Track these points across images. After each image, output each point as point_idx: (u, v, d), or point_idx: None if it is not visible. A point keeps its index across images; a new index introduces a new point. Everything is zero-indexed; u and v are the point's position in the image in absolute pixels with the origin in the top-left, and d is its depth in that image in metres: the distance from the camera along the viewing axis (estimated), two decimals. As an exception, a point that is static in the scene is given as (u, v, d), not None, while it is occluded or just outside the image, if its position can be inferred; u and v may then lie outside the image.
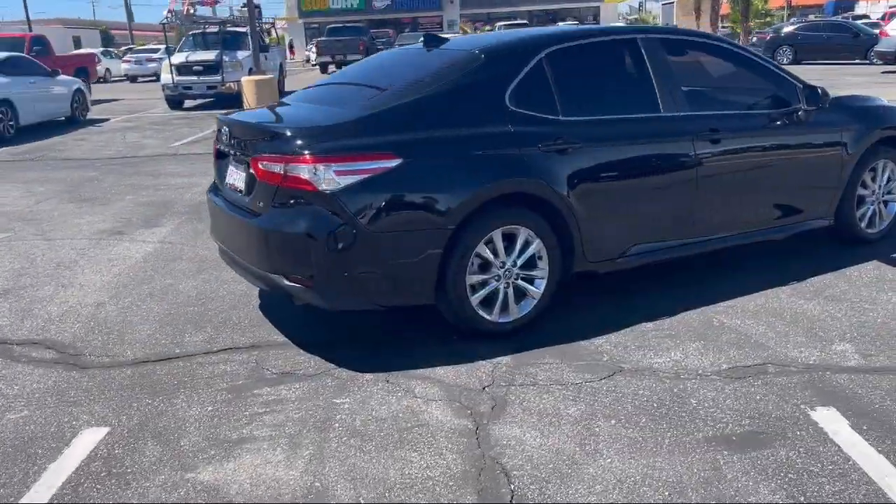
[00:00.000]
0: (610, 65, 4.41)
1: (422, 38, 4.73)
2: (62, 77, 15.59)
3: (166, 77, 18.01)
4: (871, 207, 5.29)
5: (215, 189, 4.46)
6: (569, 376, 3.55)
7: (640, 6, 68.08)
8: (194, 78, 17.73)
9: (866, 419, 3.07)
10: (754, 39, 28.17)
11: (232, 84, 17.27)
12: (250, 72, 17.14)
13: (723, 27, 36.15)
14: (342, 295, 3.68)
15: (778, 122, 4.74)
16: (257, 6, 22.16)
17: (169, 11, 18.28)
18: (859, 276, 4.74)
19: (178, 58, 18.23)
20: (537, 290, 4.04)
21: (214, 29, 19.32)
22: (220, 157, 4.36)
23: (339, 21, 44.81)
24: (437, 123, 3.77)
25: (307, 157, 3.53)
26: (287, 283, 3.67)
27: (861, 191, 5.20)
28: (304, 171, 3.52)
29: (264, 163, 3.69)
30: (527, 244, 3.95)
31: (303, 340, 4.04)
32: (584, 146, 4.04)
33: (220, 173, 4.36)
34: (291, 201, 3.62)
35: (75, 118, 15.74)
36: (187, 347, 4.04)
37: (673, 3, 37.92)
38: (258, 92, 16.25)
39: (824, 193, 5.01)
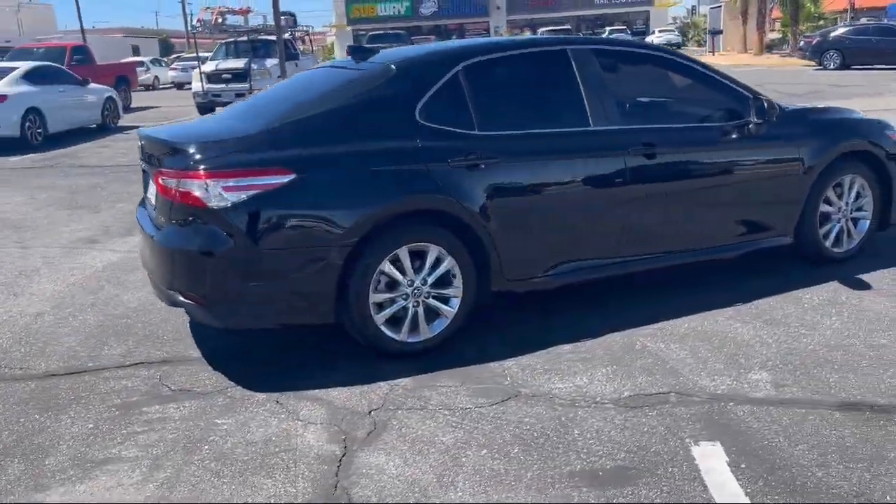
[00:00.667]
0: (535, 77, 4.27)
1: (347, 49, 4.68)
2: (93, 86, 16.00)
3: (197, 85, 18.37)
4: (838, 225, 5.02)
5: (143, 203, 4.48)
6: (461, 401, 3.44)
7: (692, 10, 66.86)
8: (223, 86, 18.02)
9: (748, 457, 2.88)
10: (801, 44, 27.32)
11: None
12: (279, 80, 17.35)
13: (772, 31, 35.16)
14: (236, 314, 3.64)
15: (724, 137, 4.53)
16: (292, 15, 22.46)
17: (198, 21, 18.66)
18: (811, 298, 4.50)
19: (208, 66, 18.58)
20: (451, 309, 3.93)
21: (245, 38, 19.59)
22: (144, 170, 4.37)
23: (387, 28, 45.18)
24: (338, 138, 3.70)
25: (198, 172, 3.50)
26: (182, 299, 3.64)
27: (825, 208, 4.94)
28: (194, 187, 3.49)
29: (163, 178, 3.68)
30: (438, 262, 3.85)
31: (217, 357, 4.01)
32: (501, 161, 3.92)
33: (145, 187, 4.37)
34: (187, 217, 3.59)
35: (106, 125, 16.14)
36: (101, 361, 4.05)
37: (720, 6, 37.01)
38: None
39: (780, 210, 4.77)
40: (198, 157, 3.55)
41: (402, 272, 3.78)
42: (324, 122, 3.76)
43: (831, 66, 24.60)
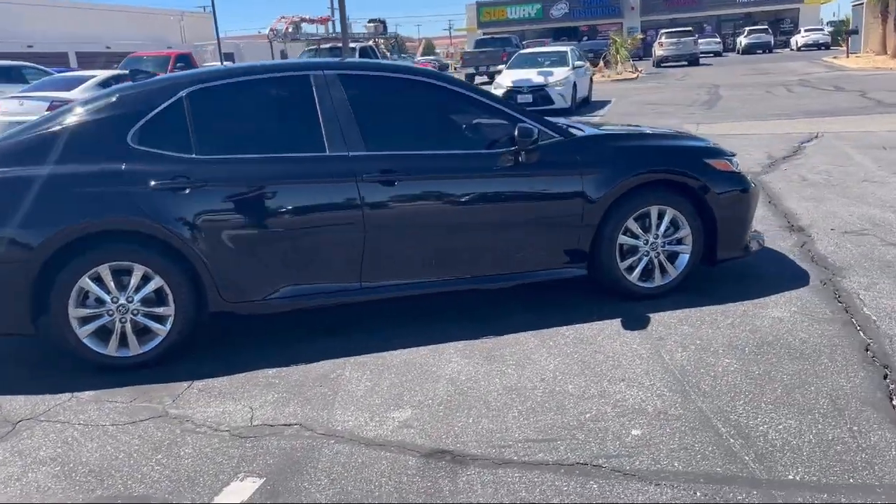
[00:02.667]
0: (268, 103, 4.34)
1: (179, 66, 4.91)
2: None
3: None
4: (645, 259, 4.70)
5: None
6: (107, 417, 3.59)
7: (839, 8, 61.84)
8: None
9: (282, 493, 2.86)
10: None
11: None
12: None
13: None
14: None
15: (482, 164, 4.38)
16: (381, 22, 23.10)
17: (271, 30, 19.60)
18: (565, 334, 4.27)
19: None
20: (163, 327, 4.09)
21: (327, 45, 20.39)
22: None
23: (517, 31, 45.29)
24: (44, 159, 3.95)
25: None
26: None
27: (627, 240, 4.64)
28: None
29: None
30: (146, 281, 4.02)
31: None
32: (212, 185, 4.03)
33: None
34: None
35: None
36: None
37: (862, 3, 34.03)
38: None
39: (560, 242, 4.54)
40: None
41: (107, 290, 3.99)
42: (37, 143, 4.02)
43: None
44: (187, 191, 4.00)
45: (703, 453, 2.99)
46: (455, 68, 34.90)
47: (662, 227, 4.68)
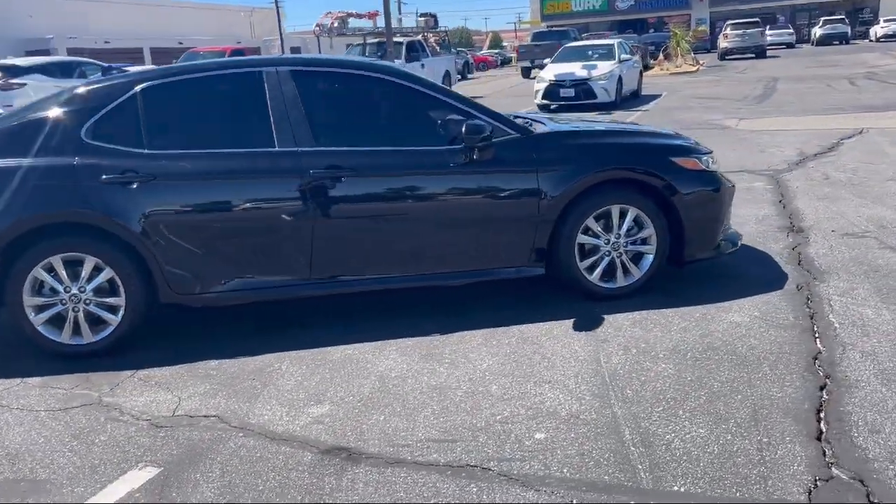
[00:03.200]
0: (220, 99, 4.40)
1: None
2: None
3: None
4: (607, 259, 4.59)
5: None
6: (45, 403, 3.72)
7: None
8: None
9: (177, 485, 2.92)
10: None
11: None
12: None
13: None
14: None
15: (435, 160, 4.35)
16: (432, 16, 23.12)
17: (317, 26, 19.83)
18: (514, 334, 4.21)
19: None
20: (115, 317, 4.21)
21: (374, 40, 20.53)
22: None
23: (581, 24, 44.77)
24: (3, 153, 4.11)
25: None
26: None
27: (587, 239, 4.54)
28: None
29: None
30: (98, 271, 4.14)
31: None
32: (161, 179, 4.12)
33: None
34: None
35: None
36: None
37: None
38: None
39: (515, 240, 4.48)
40: None
41: (59, 280, 4.13)
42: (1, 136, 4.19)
43: None
44: (135, 185, 4.09)
45: (598, 460, 2.92)
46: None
47: (625, 227, 4.56)
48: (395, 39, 20.78)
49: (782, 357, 3.71)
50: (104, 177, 4.08)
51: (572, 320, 4.34)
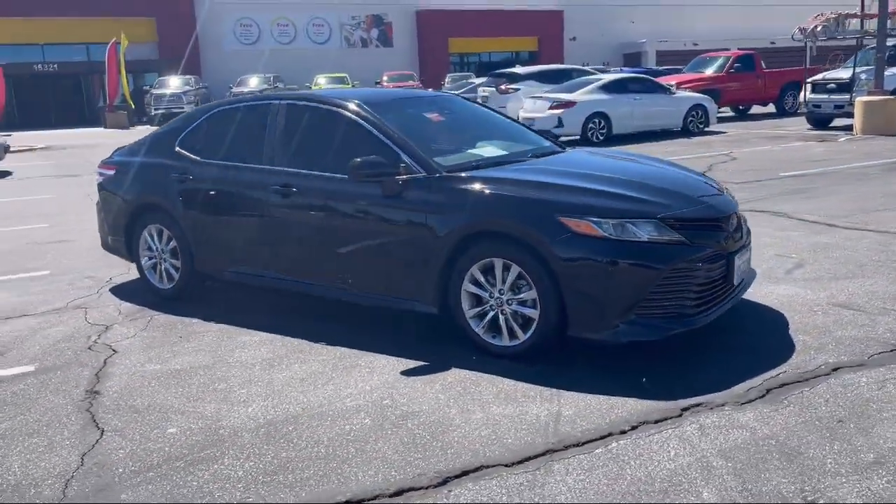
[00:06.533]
0: (244, 124, 5.54)
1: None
2: (680, 94, 17.86)
3: (807, 95, 17.87)
4: (492, 312, 4.35)
5: None
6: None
7: None
8: (825, 96, 17.13)
9: None
10: None
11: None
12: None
13: None
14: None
15: (354, 189, 4.74)
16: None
17: (799, 29, 17.72)
18: (393, 365, 4.41)
19: (820, 75, 17.76)
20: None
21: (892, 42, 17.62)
22: None
23: None
24: (136, 153, 6.08)
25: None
26: None
27: (474, 289, 4.39)
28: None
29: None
30: (162, 236, 5.84)
31: None
32: (202, 180, 5.57)
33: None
34: None
35: (687, 129, 17.83)
36: None
37: None
38: (866, 116, 15.24)
39: (408, 275, 4.60)
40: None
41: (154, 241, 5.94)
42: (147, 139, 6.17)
43: None
44: (188, 180, 5.62)
45: None
46: None
47: (508, 283, 4.24)
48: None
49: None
50: (173, 176, 5.70)
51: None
